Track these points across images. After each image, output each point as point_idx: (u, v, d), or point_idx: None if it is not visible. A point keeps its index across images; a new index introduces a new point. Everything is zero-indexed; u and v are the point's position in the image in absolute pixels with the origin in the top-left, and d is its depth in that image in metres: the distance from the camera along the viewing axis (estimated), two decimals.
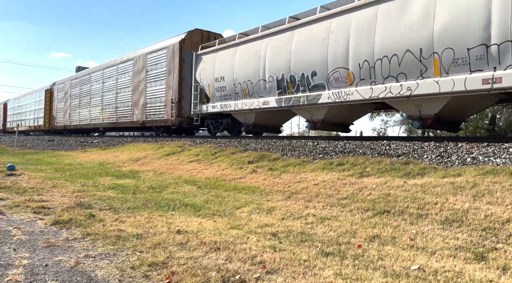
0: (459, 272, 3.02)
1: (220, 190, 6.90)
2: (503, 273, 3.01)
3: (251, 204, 5.62)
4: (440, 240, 3.73)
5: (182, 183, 7.83)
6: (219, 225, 4.59)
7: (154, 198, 6.24)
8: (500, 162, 5.39)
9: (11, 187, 7.12)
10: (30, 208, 5.37)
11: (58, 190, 7.00)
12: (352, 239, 3.93)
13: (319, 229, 4.32)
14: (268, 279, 2.94)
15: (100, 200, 6.04)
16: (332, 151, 7.88)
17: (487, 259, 3.28)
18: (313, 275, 3.00)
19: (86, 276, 2.99)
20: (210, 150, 10.54)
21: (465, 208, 4.33)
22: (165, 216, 4.96)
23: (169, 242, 3.82)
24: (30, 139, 25.71)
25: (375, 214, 4.69)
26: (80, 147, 18.08)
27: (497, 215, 4.03)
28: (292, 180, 6.77)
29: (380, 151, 7.17)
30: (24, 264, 3.22)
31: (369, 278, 2.95)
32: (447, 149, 6.41)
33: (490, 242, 3.59)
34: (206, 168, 9.01)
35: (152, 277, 3.00)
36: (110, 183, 8.03)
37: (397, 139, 8.57)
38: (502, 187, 4.57)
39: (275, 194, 6.23)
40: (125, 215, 5.05)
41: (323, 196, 5.69)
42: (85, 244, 3.83)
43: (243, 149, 9.81)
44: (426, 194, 4.92)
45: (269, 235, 4.11)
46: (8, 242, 3.83)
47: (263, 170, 7.82)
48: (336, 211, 5.04)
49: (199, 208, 5.51)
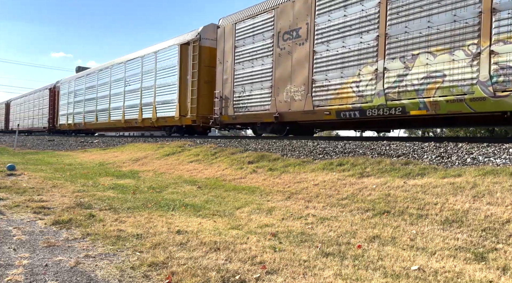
0: (459, 272, 3.02)
1: (220, 190, 6.90)
2: (503, 273, 3.01)
3: (251, 204, 5.62)
4: (440, 240, 3.73)
5: (182, 183, 7.83)
6: (219, 225, 4.59)
7: (154, 198, 6.24)
8: (500, 163, 5.39)
9: (11, 187, 7.12)
10: (30, 208, 5.37)
11: (58, 190, 7.00)
12: (352, 240, 3.93)
13: (319, 230, 4.32)
14: (268, 279, 2.94)
15: (100, 200, 6.05)
16: (332, 152, 7.88)
17: (487, 259, 3.28)
18: (313, 276, 3.00)
19: (86, 276, 2.99)
20: (210, 150, 10.54)
21: (465, 208, 4.33)
22: (165, 216, 4.96)
23: (169, 242, 3.83)
24: (30, 139, 25.70)
25: (375, 215, 4.69)
26: (80, 147, 18.08)
27: (497, 215, 4.03)
28: (292, 181, 6.77)
29: (380, 152, 7.17)
30: (24, 264, 3.22)
31: (369, 278, 2.95)
32: (447, 150, 6.42)
33: (490, 242, 3.59)
34: (206, 168, 9.01)
35: (152, 277, 3.00)
36: (110, 183, 8.03)
37: (397, 139, 8.58)
38: (502, 187, 4.57)
39: (275, 194, 6.23)
40: (125, 215, 5.05)
41: (323, 196, 5.69)
42: (85, 244, 3.83)
43: (243, 149, 9.81)
44: (426, 194, 4.92)
45: (269, 235, 4.11)
46: (8, 242, 3.83)
47: (263, 170, 7.82)
48: (336, 211, 5.04)
49: (199, 208, 5.51)
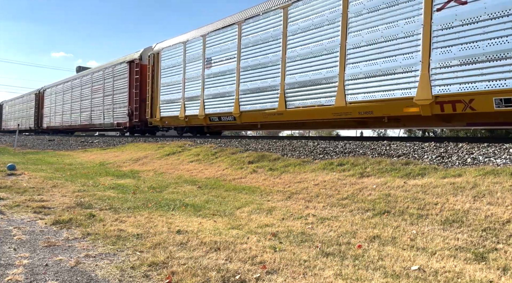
0: (459, 272, 3.02)
1: (220, 190, 6.90)
2: (504, 273, 3.01)
3: (251, 204, 5.62)
4: (440, 240, 3.73)
5: (182, 183, 7.83)
6: (219, 225, 4.59)
7: (154, 198, 6.24)
8: (501, 163, 5.38)
9: (12, 186, 7.13)
10: (31, 208, 5.37)
11: (58, 190, 7.00)
12: (352, 240, 3.93)
13: (319, 229, 4.32)
14: (268, 279, 2.94)
15: (101, 200, 6.05)
16: (333, 151, 7.88)
17: (487, 259, 3.28)
18: (313, 275, 3.00)
19: (86, 276, 2.99)
20: (211, 150, 10.54)
21: (466, 208, 4.33)
22: (165, 216, 4.97)
23: (169, 242, 3.83)
24: (30, 139, 25.72)
25: (375, 215, 4.69)
26: (80, 147, 18.08)
27: (498, 215, 4.03)
28: (292, 180, 6.77)
29: (380, 152, 7.17)
30: (24, 264, 3.23)
31: (369, 278, 2.94)
32: (447, 150, 6.41)
33: (491, 242, 3.59)
34: (206, 168, 9.01)
35: (152, 277, 3.00)
36: (111, 183, 8.03)
37: (397, 139, 8.59)
38: (502, 187, 4.56)
39: (275, 194, 6.23)
40: (125, 215, 5.05)
41: (323, 196, 5.69)
42: (85, 244, 3.83)
43: (244, 149, 9.81)
44: (427, 194, 4.92)
45: (269, 235, 4.11)
46: (8, 242, 3.83)
47: (263, 170, 7.82)
48: (336, 211, 5.03)
49: (199, 208, 5.51)
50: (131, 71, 18.72)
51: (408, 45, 7.79)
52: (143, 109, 17.87)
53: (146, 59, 17.61)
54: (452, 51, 7.10)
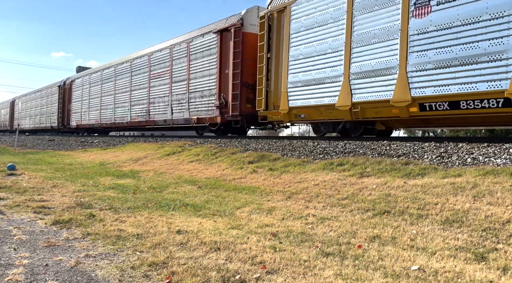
0: (459, 272, 3.02)
1: (220, 190, 6.90)
2: (504, 273, 3.01)
3: (251, 204, 5.62)
4: (441, 240, 3.73)
5: (182, 183, 7.83)
6: (219, 225, 4.59)
7: (154, 198, 6.24)
8: (501, 163, 5.38)
9: (12, 186, 7.13)
10: (31, 208, 5.37)
11: (58, 190, 7.00)
12: (352, 239, 3.93)
13: (319, 229, 4.32)
14: (268, 279, 2.94)
15: (101, 200, 6.05)
16: (333, 151, 7.88)
17: (487, 259, 3.28)
18: (313, 275, 3.00)
19: (87, 276, 2.99)
20: (211, 150, 10.54)
21: (466, 208, 4.33)
22: (165, 216, 4.97)
23: (169, 242, 3.83)
24: (30, 139, 25.73)
25: (375, 215, 4.69)
26: (80, 147, 18.09)
27: (498, 215, 4.03)
28: (292, 180, 6.77)
29: (380, 152, 7.17)
30: (24, 264, 3.23)
31: (369, 278, 2.94)
32: (447, 150, 6.41)
33: (491, 242, 3.59)
34: (206, 168, 9.02)
35: (152, 277, 3.00)
36: (111, 183, 8.03)
37: (397, 139, 8.57)
38: (502, 187, 4.56)
39: (275, 194, 6.23)
40: (125, 215, 5.05)
41: (323, 196, 5.69)
42: (85, 244, 3.83)
43: (244, 149, 9.82)
44: (427, 194, 4.92)
45: (269, 235, 4.11)
46: (8, 242, 3.84)
47: (263, 170, 7.82)
48: (336, 211, 5.04)
49: (199, 208, 5.51)
50: (222, 44, 13.35)
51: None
52: (246, 97, 12.56)
53: (250, 25, 12.63)
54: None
